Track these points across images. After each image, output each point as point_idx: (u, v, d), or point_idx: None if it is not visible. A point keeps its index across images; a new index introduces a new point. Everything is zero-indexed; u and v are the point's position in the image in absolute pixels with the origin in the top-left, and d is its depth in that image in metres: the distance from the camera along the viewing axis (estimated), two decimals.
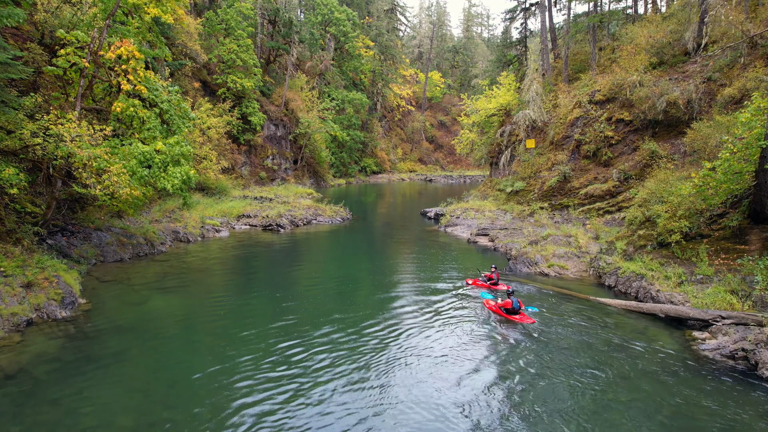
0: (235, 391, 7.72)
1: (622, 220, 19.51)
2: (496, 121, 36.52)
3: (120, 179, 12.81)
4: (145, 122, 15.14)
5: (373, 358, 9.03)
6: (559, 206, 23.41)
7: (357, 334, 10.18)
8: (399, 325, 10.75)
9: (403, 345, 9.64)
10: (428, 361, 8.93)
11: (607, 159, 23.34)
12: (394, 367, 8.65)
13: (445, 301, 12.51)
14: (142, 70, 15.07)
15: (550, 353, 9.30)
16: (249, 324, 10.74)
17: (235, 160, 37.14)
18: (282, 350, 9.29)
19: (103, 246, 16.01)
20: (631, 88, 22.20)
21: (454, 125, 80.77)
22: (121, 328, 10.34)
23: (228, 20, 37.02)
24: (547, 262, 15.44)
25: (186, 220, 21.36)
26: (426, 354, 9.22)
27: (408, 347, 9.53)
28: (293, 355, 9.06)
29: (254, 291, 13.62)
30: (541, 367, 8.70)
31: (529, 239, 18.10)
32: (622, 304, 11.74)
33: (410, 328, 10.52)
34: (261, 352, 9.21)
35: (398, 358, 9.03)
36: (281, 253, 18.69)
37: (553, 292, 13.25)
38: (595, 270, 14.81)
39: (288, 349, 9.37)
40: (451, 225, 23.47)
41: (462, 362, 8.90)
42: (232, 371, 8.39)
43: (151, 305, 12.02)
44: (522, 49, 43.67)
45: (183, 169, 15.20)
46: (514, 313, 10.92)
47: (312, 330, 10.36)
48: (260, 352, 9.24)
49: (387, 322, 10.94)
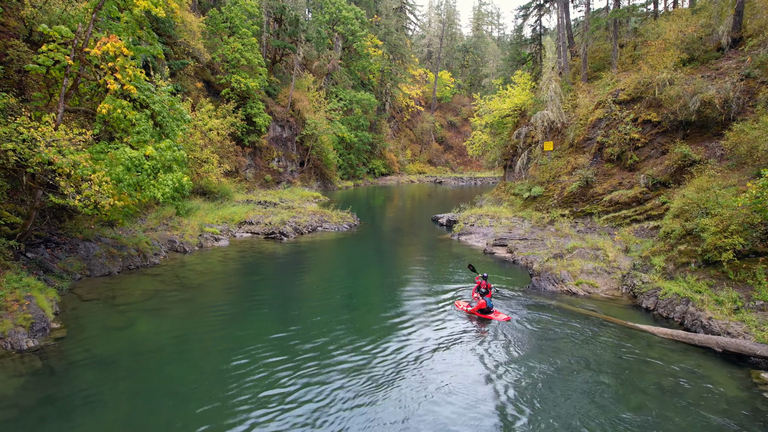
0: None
1: (652, 231, 17.95)
2: (510, 122, 34.98)
3: (102, 188, 11.57)
4: (135, 125, 13.91)
5: (390, 393, 7.66)
6: (581, 214, 21.85)
7: (371, 367, 8.82)
8: (413, 353, 9.37)
9: (420, 377, 8.25)
10: (460, 402, 7.53)
11: (633, 163, 21.74)
12: (414, 405, 7.28)
13: (461, 322, 11.10)
14: (131, 68, 13.84)
15: (594, 395, 7.85)
16: (246, 354, 9.41)
17: (239, 162, 35.99)
18: (286, 387, 7.96)
19: (91, 258, 14.82)
20: (660, 86, 20.58)
21: (464, 126, 79.23)
22: (97, 361, 9.07)
23: (232, 18, 35.88)
24: (575, 279, 13.95)
25: (183, 228, 20.15)
26: (456, 392, 7.82)
27: (424, 379, 8.15)
28: (301, 396, 7.72)
29: (253, 312, 12.30)
30: (587, 416, 7.26)
31: (552, 251, 16.61)
32: (667, 334, 10.24)
33: (425, 355, 9.13)
34: (262, 389, 7.89)
35: (415, 390, 7.65)
36: (283, 267, 17.39)
37: (583, 315, 11.78)
38: (628, 289, 13.31)
39: (292, 384, 8.04)
40: (465, 233, 22.02)
41: (486, 401, 7.50)
42: (227, 418, 7.07)
43: (136, 330, 10.75)
44: (536, 47, 42.06)
45: (175, 175, 13.95)
46: (487, 312, 11.42)
47: (319, 365, 9.00)
48: (261, 389, 7.92)
49: (400, 350, 9.56)
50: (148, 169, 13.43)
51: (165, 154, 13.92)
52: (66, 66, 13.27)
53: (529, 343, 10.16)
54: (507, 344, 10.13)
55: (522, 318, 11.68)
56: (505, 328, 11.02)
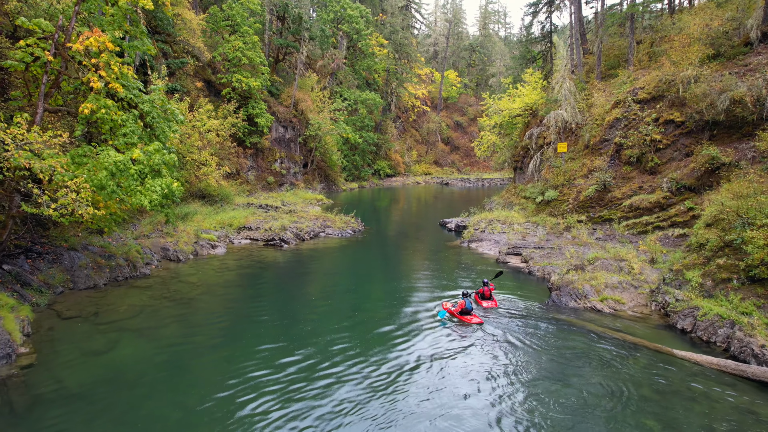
0: None
1: (678, 239, 16.71)
2: (521, 122, 33.74)
3: (81, 196, 10.52)
4: (121, 126, 12.87)
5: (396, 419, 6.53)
6: (599, 219, 20.60)
7: (383, 402, 7.68)
8: (422, 381, 8.23)
9: (431, 402, 7.12)
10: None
11: (654, 166, 20.48)
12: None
13: (469, 342, 9.94)
14: (117, 64, 12.80)
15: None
16: (240, 384, 8.30)
17: (241, 164, 34.98)
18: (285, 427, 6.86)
19: (75, 269, 13.78)
20: (684, 84, 19.30)
21: (470, 126, 77.98)
22: (68, 394, 8.00)
23: (234, 16, 34.87)
24: (599, 295, 12.75)
25: (179, 234, 19.11)
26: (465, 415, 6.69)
27: (434, 413, 7.02)
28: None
29: (248, 333, 11.19)
30: None
31: (571, 262, 15.40)
32: (713, 363, 9.03)
33: (436, 383, 7.99)
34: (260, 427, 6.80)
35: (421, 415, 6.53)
36: (283, 278, 16.30)
37: (612, 337, 10.59)
38: (658, 306, 12.08)
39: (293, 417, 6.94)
40: (475, 240, 20.82)
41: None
42: None
43: (117, 355, 9.67)
44: (547, 44, 40.79)
45: (164, 181, 12.88)
46: (466, 313, 11.41)
47: (325, 402, 7.88)
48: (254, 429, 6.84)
49: (409, 379, 8.43)
50: (134, 174, 12.38)
51: (153, 157, 12.86)
52: (46, 62, 12.25)
53: (554, 371, 8.99)
54: (528, 371, 8.95)
55: (543, 340, 10.51)
56: (527, 352, 9.85)
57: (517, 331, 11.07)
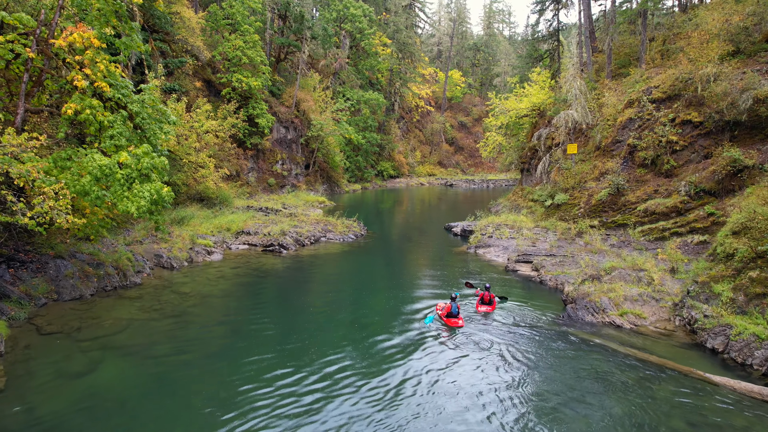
0: None
1: (698, 246, 15.79)
2: (527, 123, 32.85)
3: (59, 203, 9.75)
4: (108, 128, 12.10)
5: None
6: (613, 225, 19.68)
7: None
8: (429, 402, 7.40)
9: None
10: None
11: (670, 168, 19.56)
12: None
13: (480, 357, 9.09)
14: (104, 62, 12.03)
15: None
16: (230, 412, 7.50)
17: (241, 166, 34.22)
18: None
19: (60, 279, 13.00)
20: (703, 82, 18.37)
21: (474, 126, 77.10)
22: (35, 426, 7.21)
23: (234, 15, 34.10)
24: (618, 309, 11.86)
25: (173, 240, 18.35)
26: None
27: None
28: None
29: (242, 350, 10.36)
30: None
31: (585, 271, 14.51)
32: (753, 392, 8.14)
33: (445, 404, 7.16)
34: None
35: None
36: (281, 287, 15.49)
37: (633, 357, 9.72)
38: (683, 321, 11.20)
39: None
40: (482, 246, 19.95)
41: None
42: None
43: (97, 377, 8.86)
44: (554, 43, 39.84)
45: (153, 186, 12.09)
46: (450, 317, 11.46)
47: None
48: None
49: (408, 395, 7.59)
50: (120, 179, 11.61)
51: (142, 161, 12.08)
52: (27, 59, 11.50)
53: (571, 395, 8.12)
54: (541, 394, 8.10)
55: (558, 359, 9.66)
56: (541, 372, 8.99)
57: (529, 347, 10.22)
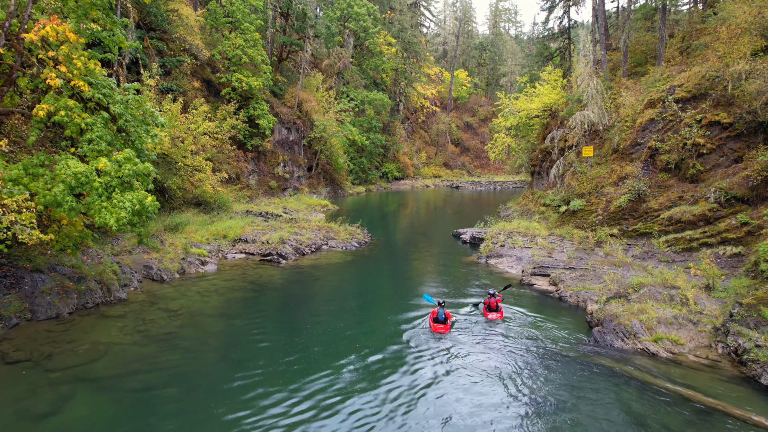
0: None
1: (732, 259, 14.49)
2: (538, 124, 31.57)
3: (22, 217, 8.63)
4: (86, 131, 10.98)
5: None
6: (634, 233, 18.38)
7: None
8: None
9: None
10: None
11: (695, 173, 18.24)
12: None
13: (498, 390, 7.88)
14: (82, 59, 10.91)
15: None
16: None
17: (241, 168, 33.14)
18: None
19: (36, 295, 11.91)
20: (734, 80, 17.06)
21: (480, 127, 75.82)
22: None
23: (234, 12, 33.01)
24: (651, 334, 10.60)
25: (165, 249, 17.24)
26: None
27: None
28: None
29: (232, 383, 9.20)
30: None
31: (610, 288, 13.26)
32: None
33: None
34: None
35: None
36: (277, 303, 14.34)
37: (676, 395, 8.46)
38: (728, 349, 9.93)
39: None
40: (494, 255, 18.70)
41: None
42: None
43: (64, 419, 7.71)
44: (565, 41, 38.54)
45: (135, 195, 10.95)
46: (437, 322, 11.53)
47: None
48: None
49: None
50: (98, 187, 10.48)
51: (124, 167, 10.95)
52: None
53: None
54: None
55: (587, 394, 8.42)
56: (568, 411, 7.76)
57: (554, 377, 9.04)
